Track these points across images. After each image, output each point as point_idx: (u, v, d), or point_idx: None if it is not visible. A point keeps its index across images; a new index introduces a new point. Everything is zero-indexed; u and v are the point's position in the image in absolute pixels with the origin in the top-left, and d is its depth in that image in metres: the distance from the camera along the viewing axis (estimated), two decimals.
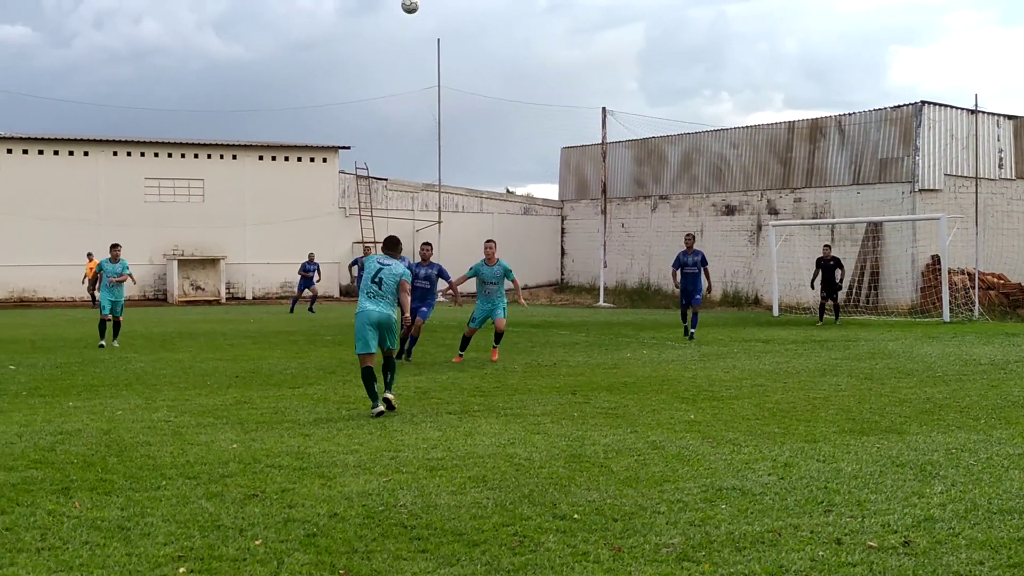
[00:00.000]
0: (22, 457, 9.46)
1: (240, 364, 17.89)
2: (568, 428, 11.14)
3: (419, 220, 51.11)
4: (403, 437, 10.55)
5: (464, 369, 17.05)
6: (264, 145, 49.66)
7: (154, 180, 47.14)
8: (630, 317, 33.63)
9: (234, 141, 49.49)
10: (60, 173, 45.44)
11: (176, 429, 11.07)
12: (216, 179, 48.10)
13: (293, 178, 49.34)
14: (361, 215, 49.69)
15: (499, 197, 56.22)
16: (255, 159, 49.03)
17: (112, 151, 46.68)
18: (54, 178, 45.20)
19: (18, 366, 17.55)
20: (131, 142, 47.26)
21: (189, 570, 6.14)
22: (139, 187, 46.69)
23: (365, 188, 50.51)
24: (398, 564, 6.30)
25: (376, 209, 50.34)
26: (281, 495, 8.00)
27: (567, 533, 6.97)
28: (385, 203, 51.04)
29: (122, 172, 46.50)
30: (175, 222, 46.91)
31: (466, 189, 53.53)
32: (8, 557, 6.35)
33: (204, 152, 48.22)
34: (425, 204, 51.70)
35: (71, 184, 45.41)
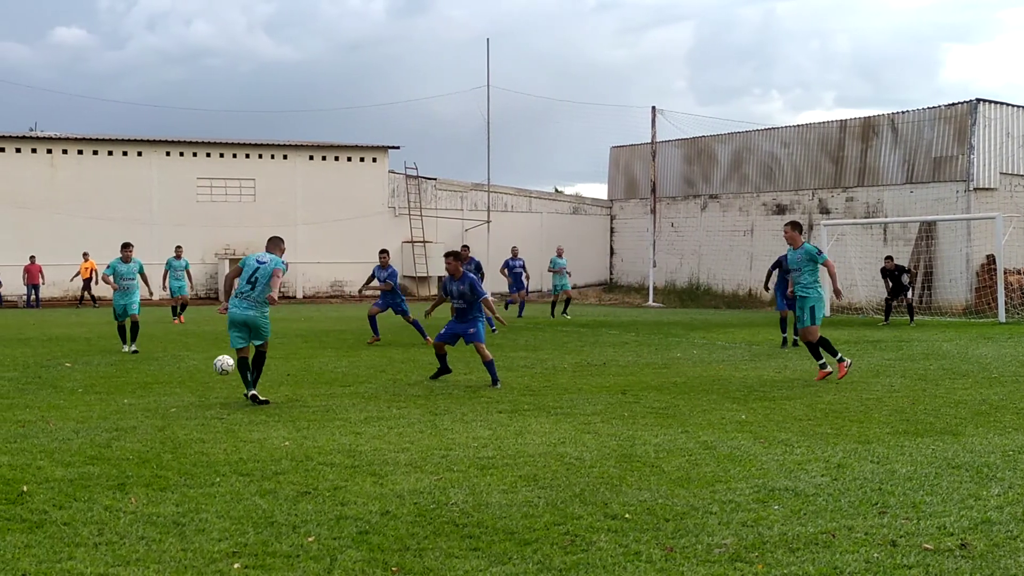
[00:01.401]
0: (79, 453, 9.60)
1: (291, 363, 18.02)
2: (619, 428, 11.10)
3: (468, 220, 51.21)
4: (454, 436, 10.57)
5: (514, 368, 17.06)
6: (314, 145, 50.00)
7: (206, 180, 47.63)
8: (680, 317, 33.46)
9: (285, 141, 49.89)
10: (114, 173, 46.06)
11: (229, 427, 11.17)
12: (267, 179, 48.50)
13: (343, 178, 49.64)
14: (410, 215, 49.89)
15: (548, 197, 56.19)
16: (305, 159, 49.38)
17: (165, 151, 47.24)
18: (108, 178, 45.82)
19: (74, 364, 17.80)
20: (183, 142, 47.79)
21: (243, 566, 6.19)
22: (191, 187, 47.21)
23: (414, 188, 50.70)
24: (450, 562, 6.31)
25: (425, 209, 50.52)
26: (333, 492, 8.04)
27: (619, 533, 6.94)
28: (434, 203, 51.21)
29: (175, 172, 47.04)
30: (226, 222, 47.37)
31: (515, 189, 53.56)
32: (67, 551, 6.44)
33: (255, 152, 48.66)
34: (474, 204, 51.79)
35: (125, 184, 46.00)
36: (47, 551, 6.44)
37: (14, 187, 44.42)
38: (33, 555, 6.36)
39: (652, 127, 46.19)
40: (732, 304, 42.41)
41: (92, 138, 46.52)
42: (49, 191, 44.77)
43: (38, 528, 6.96)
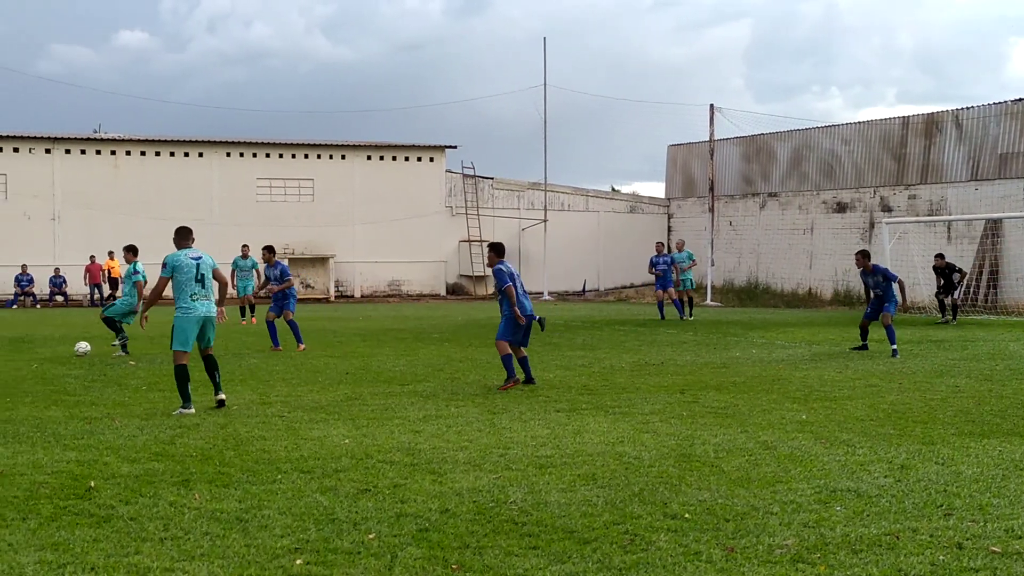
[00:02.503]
0: (144, 450, 9.75)
1: (350, 361, 18.15)
2: (677, 427, 11.05)
3: (525, 219, 51.24)
4: (512, 435, 10.59)
5: (572, 367, 17.05)
6: (372, 145, 50.31)
7: (265, 180, 48.12)
8: (738, 316, 33.22)
9: (343, 141, 50.26)
10: (176, 174, 46.70)
11: (290, 424, 11.28)
12: (326, 179, 48.89)
13: (400, 177, 49.90)
14: (467, 214, 50.01)
15: (605, 195, 56.07)
16: (363, 159, 49.71)
17: (225, 152, 47.80)
18: (170, 179, 46.47)
19: (138, 362, 18.08)
20: (243, 143, 48.32)
21: (306, 562, 6.25)
22: (251, 187, 47.73)
23: (471, 187, 50.83)
24: (509, 560, 6.32)
25: (482, 208, 50.62)
26: (393, 490, 8.09)
27: (678, 532, 6.91)
28: (491, 202, 51.30)
29: (235, 173, 47.59)
30: (286, 221, 47.82)
31: (572, 188, 53.50)
32: (134, 546, 6.55)
33: (314, 152, 49.07)
34: (531, 203, 51.80)
35: (186, 185, 46.62)
36: (115, 545, 6.55)
37: (79, 188, 45.21)
38: (101, 549, 6.47)
39: (710, 125, 45.88)
40: (791, 303, 42.01)
41: (154, 139, 47.21)
42: (113, 192, 45.50)
43: (105, 523, 7.08)
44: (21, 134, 45.51)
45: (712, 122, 45.79)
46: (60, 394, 13.93)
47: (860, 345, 19.89)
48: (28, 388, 14.49)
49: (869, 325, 19.99)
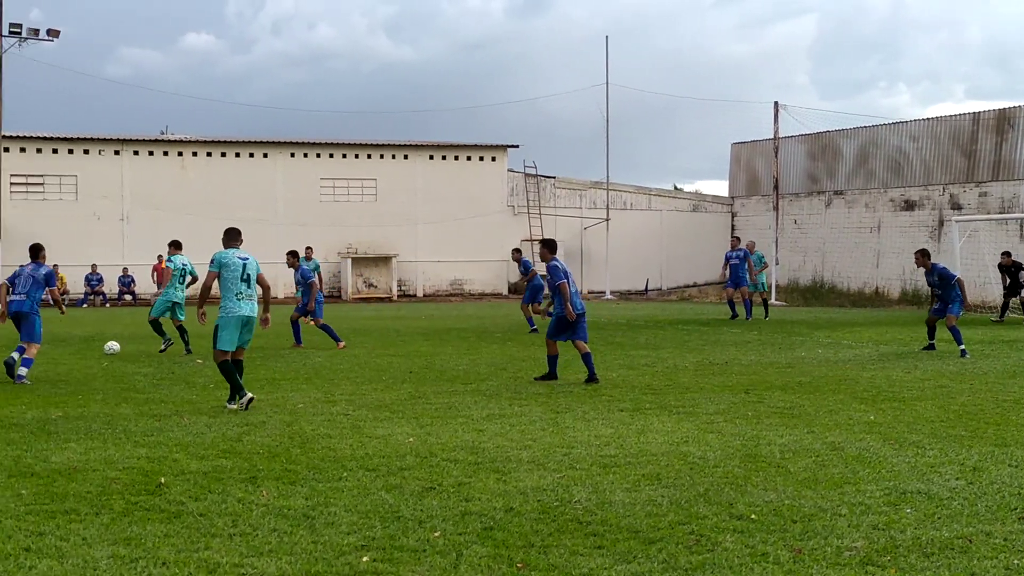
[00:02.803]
0: (212, 447, 9.88)
1: (413, 360, 18.24)
2: (742, 427, 10.96)
3: (587, 218, 51.15)
4: (576, 434, 10.57)
5: (635, 367, 16.99)
6: (434, 145, 50.52)
7: (329, 180, 48.53)
8: (803, 315, 32.87)
9: (405, 141, 50.53)
10: (241, 174, 47.27)
11: (354, 422, 11.36)
12: (388, 178, 49.20)
13: (463, 177, 50.05)
14: (529, 213, 50.04)
15: (667, 194, 55.80)
16: (426, 158, 49.93)
17: (289, 152, 48.29)
18: (236, 179, 47.05)
19: (205, 360, 18.31)
20: (307, 143, 48.78)
21: (372, 559, 6.29)
22: (315, 187, 48.16)
23: (533, 186, 50.83)
24: (574, 560, 6.31)
25: (544, 207, 50.61)
26: (457, 488, 8.12)
27: (745, 533, 6.86)
28: (553, 201, 51.28)
29: (299, 173, 48.05)
30: (349, 221, 48.19)
31: (634, 186, 53.30)
32: (203, 541, 6.64)
33: (377, 152, 49.39)
34: (593, 202, 51.69)
35: (251, 185, 47.17)
36: (185, 541, 6.65)
37: (147, 189, 45.94)
38: (172, 544, 6.57)
39: (774, 123, 45.45)
40: (858, 303, 41.49)
41: (220, 140, 47.83)
42: (180, 192, 46.17)
43: (176, 518, 7.19)
44: (91, 136, 46.36)
45: (776, 119, 45.35)
46: (130, 391, 14.16)
47: (928, 344, 19.59)
48: (99, 386, 14.75)
49: (935, 322, 19.68)
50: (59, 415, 11.88)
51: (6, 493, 7.92)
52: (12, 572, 6.01)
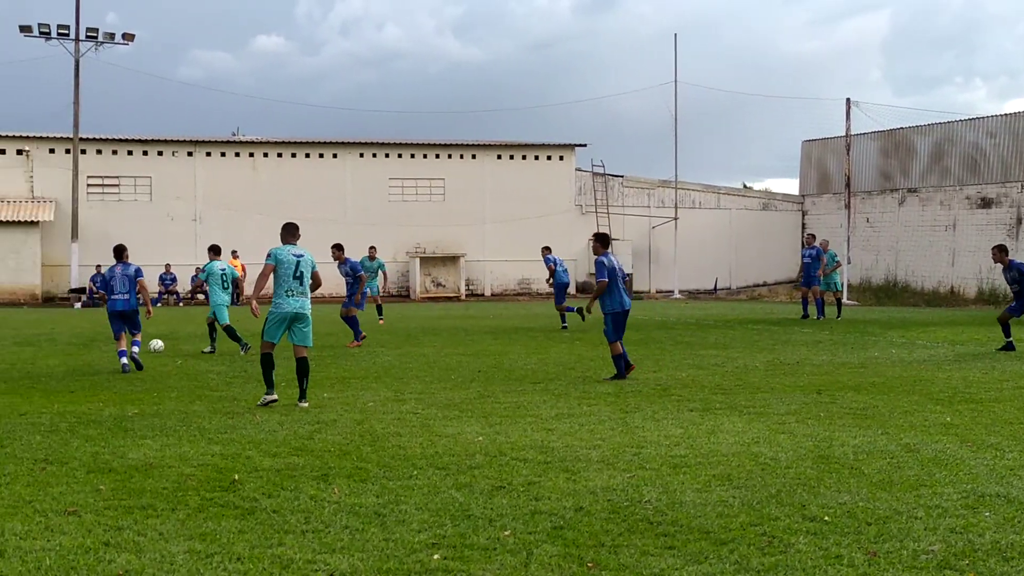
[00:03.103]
0: (284, 444, 9.99)
1: (482, 359, 18.29)
2: (814, 428, 10.83)
3: (655, 217, 50.91)
4: (645, 434, 10.52)
5: (704, 367, 16.86)
6: (502, 144, 50.62)
7: (397, 180, 48.86)
8: (876, 315, 32.41)
9: (473, 141, 50.70)
10: (311, 175, 47.77)
11: (424, 421, 11.42)
12: (456, 178, 49.40)
13: (530, 176, 50.09)
14: (597, 212, 49.92)
15: (736, 193, 55.34)
16: (493, 158, 50.05)
17: (358, 153, 48.70)
18: (306, 179, 47.55)
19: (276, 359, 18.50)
20: (376, 144, 49.16)
21: (443, 557, 6.32)
22: (383, 187, 48.51)
23: (601, 185, 50.72)
24: (645, 560, 6.28)
25: (612, 206, 50.46)
26: (527, 488, 8.12)
27: (818, 535, 6.77)
28: (621, 200, 51.11)
29: (367, 173, 48.44)
30: (417, 221, 48.47)
31: (703, 185, 52.95)
32: (277, 538, 6.71)
33: (445, 152, 49.62)
34: (661, 201, 51.44)
35: (321, 185, 47.64)
36: (259, 537, 6.73)
37: (220, 189, 46.62)
38: (246, 540, 6.65)
39: (846, 119, 44.87)
40: (932, 302, 40.81)
41: (290, 141, 48.39)
42: (251, 193, 46.78)
43: (249, 515, 7.28)
44: (165, 138, 47.17)
45: (848, 116, 44.77)
46: (203, 389, 14.38)
47: (1005, 344, 19.19)
48: (173, 384, 15.00)
49: (1009, 320, 19.31)
50: (135, 412, 12.10)
51: (85, 488, 8.08)
52: (92, 566, 6.13)
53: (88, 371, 16.68)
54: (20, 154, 45.44)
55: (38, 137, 45.93)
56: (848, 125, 44.86)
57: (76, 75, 44.99)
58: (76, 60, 44.89)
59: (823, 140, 51.05)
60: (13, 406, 12.64)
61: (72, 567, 6.10)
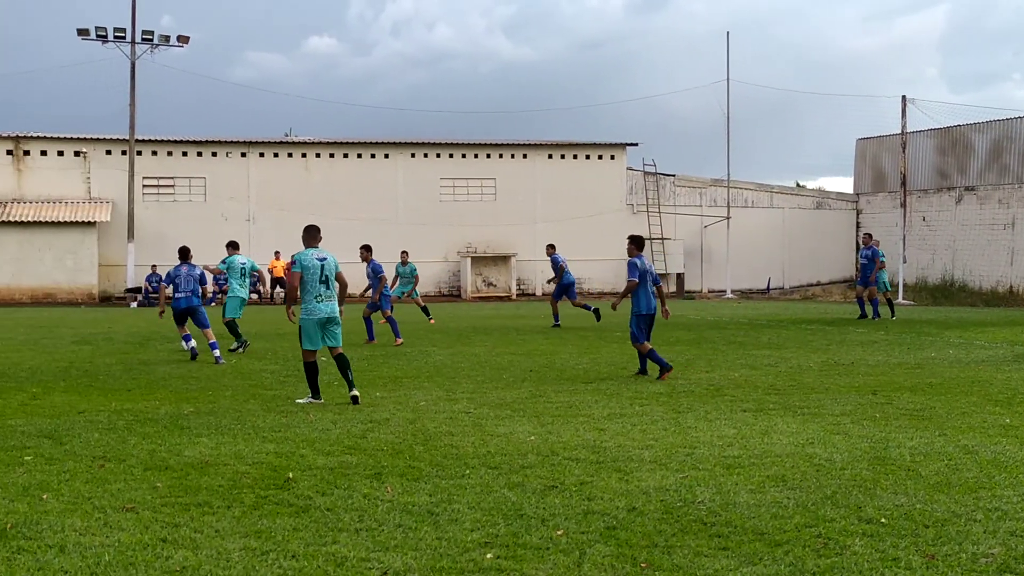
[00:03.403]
0: (337, 443, 10.05)
1: (534, 359, 18.29)
2: (870, 429, 10.71)
3: (707, 216, 50.62)
4: (698, 434, 10.47)
5: (757, 367, 16.74)
6: (553, 144, 50.59)
7: (448, 180, 49.00)
8: (932, 315, 31.98)
9: (524, 140, 50.72)
10: (363, 175, 48.05)
11: (476, 420, 11.44)
12: (507, 178, 49.44)
13: (581, 176, 50.02)
14: (649, 212, 49.73)
15: (789, 191, 54.88)
16: (544, 158, 50.03)
17: (410, 153, 48.89)
18: (358, 180, 47.84)
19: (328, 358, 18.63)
20: (427, 144, 49.33)
21: (496, 556, 6.33)
22: (435, 187, 48.67)
23: (653, 184, 50.52)
24: (699, 560, 6.25)
25: (663, 205, 50.25)
26: (579, 487, 8.10)
27: (875, 537, 6.69)
28: (672, 199, 50.88)
29: (419, 173, 48.62)
30: (468, 220, 48.58)
31: (755, 184, 52.57)
32: (331, 536, 6.76)
33: (496, 152, 49.68)
34: (713, 200, 51.14)
35: (373, 185, 47.91)
36: (313, 534, 6.78)
37: (273, 190, 47.04)
38: (301, 538, 6.70)
39: (902, 117, 44.32)
40: (990, 302, 40.19)
41: (342, 141, 48.71)
42: (303, 193, 47.15)
43: (304, 513, 7.33)
44: (219, 139, 47.68)
45: (904, 114, 44.23)
46: (257, 388, 14.51)
47: None
48: (228, 382, 15.15)
49: None
50: (191, 410, 12.23)
51: (142, 485, 8.18)
52: (150, 562, 6.21)
53: (144, 369, 16.90)
54: (78, 156, 46.15)
55: (95, 139, 46.62)
56: (904, 123, 44.32)
57: (132, 77, 45.60)
58: (132, 63, 45.49)
59: (878, 138, 50.48)
60: (72, 404, 12.84)
61: (130, 563, 6.18)
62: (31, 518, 7.16)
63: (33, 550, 6.43)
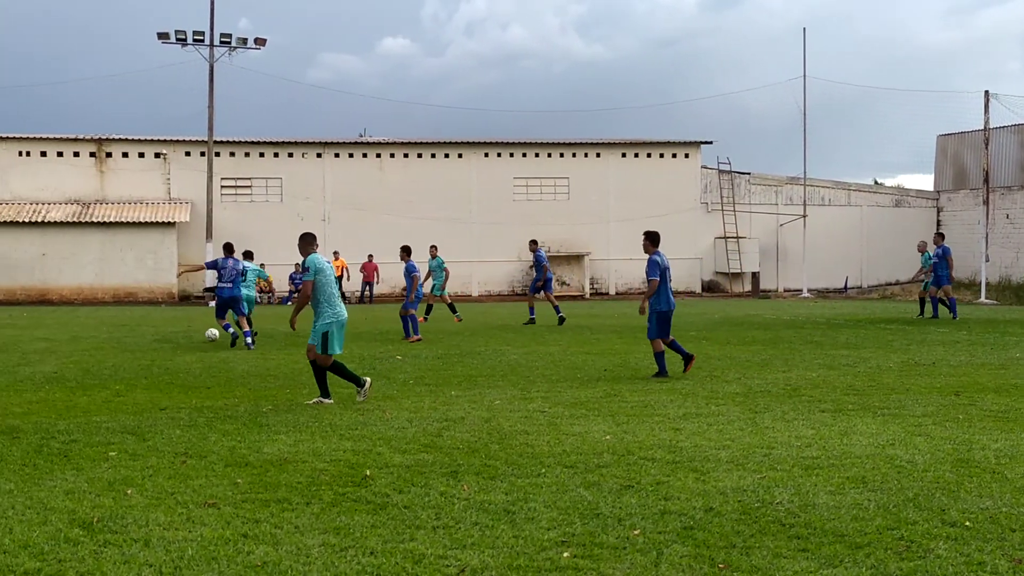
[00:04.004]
0: (413, 441, 10.12)
1: (607, 358, 18.24)
2: (953, 431, 10.50)
3: (783, 214, 50.07)
4: (775, 434, 10.36)
5: (835, 367, 16.51)
6: (626, 142, 50.40)
7: (522, 179, 49.06)
8: (1017, 315, 31.28)
9: (597, 139, 50.60)
10: (436, 175, 48.31)
11: (551, 419, 11.43)
12: (580, 177, 49.37)
13: (655, 174, 49.77)
14: (723, 210, 49.34)
15: (867, 189, 54.07)
16: (618, 156, 49.87)
17: (483, 153, 49.05)
18: (431, 180, 48.12)
19: (404, 357, 18.79)
20: (500, 143, 49.44)
21: (572, 555, 6.32)
22: (508, 186, 48.77)
23: (727, 183, 50.11)
24: (778, 562, 6.18)
25: (738, 204, 49.81)
26: (656, 487, 8.06)
27: (959, 541, 6.57)
28: (748, 197, 50.43)
29: (492, 172, 48.75)
30: (541, 220, 48.59)
31: (832, 182, 51.88)
32: (408, 533, 6.80)
33: (569, 151, 49.63)
34: (789, 198, 50.57)
35: (446, 185, 48.15)
36: (391, 532, 6.83)
37: (348, 190, 47.50)
38: (379, 535, 6.76)
39: (985, 112, 43.40)
40: None
41: (416, 142, 49.01)
42: (379, 193, 47.54)
43: (381, 510, 7.39)
44: (295, 140, 48.26)
45: (987, 109, 43.32)
46: (334, 387, 14.62)
47: None
48: (305, 380, 15.31)
49: None
50: (269, 408, 12.40)
51: (223, 481, 8.31)
52: (232, 556, 6.30)
53: (223, 367, 17.17)
54: (158, 157, 47.04)
55: (175, 140, 47.48)
56: (986, 118, 43.40)
57: (210, 80, 46.33)
58: (211, 65, 46.22)
59: (959, 134, 49.53)
60: (154, 401, 13.09)
61: (213, 557, 6.29)
62: (116, 512, 7.32)
63: (119, 543, 6.57)
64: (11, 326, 27.80)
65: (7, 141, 46.20)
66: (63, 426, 11.05)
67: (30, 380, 15.54)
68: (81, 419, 11.58)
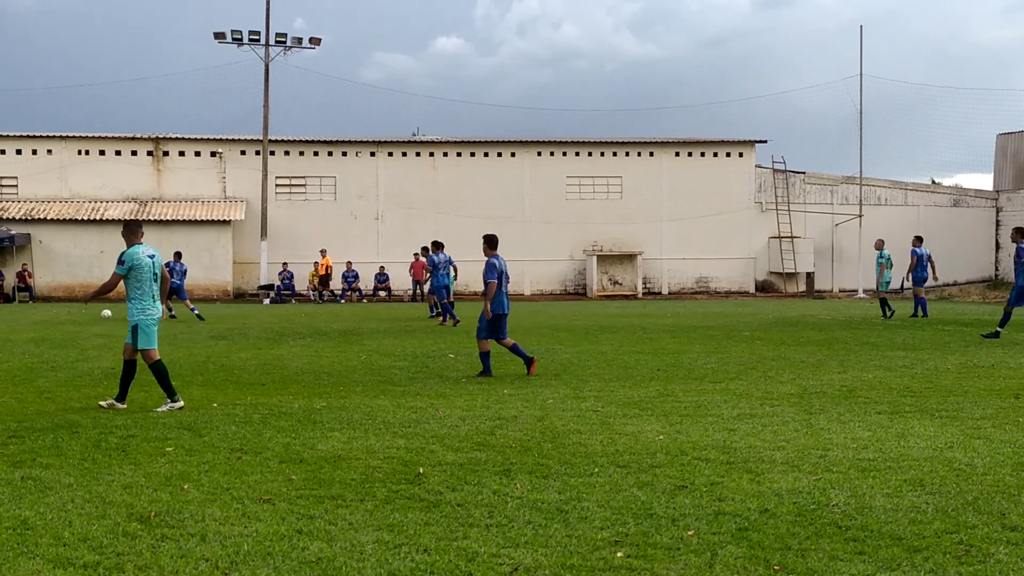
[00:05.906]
0: (466, 439, 10.13)
1: (660, 358, 18.16)
2: (1013, 434, 10.33)
3: (838, 214, 49.58)
4: (831, 436, 10.25)
5: (892, 368, 16.31)
6: (680, 141, 50.15)
7: (575, 178, 48.99)
8: None
9: (650, 138, 50.39)
10: (489, 174, 48.37)
11: (604, 419, 11.40)
12: (633, 176, 49.20)
13: (708, 173, 49.47)
14: (778, 210, 48.94)
15: (924, 188, 53.36)
16: (671, 155, 49.63)
17: (536, 152, 49.03)
18: (484, 179, 48.19)
19: (456, 355, 18.83)
20: (553, 142, 49.39)
21: (626, 555, 6.30)
22: (561, 185, 48.72)
23: (782, 182, 49.71)
24: (834, 564, 6.12)
25: (793, 203, 49.39)
26: (710, 488, 8.01)
27: (1019, 545, 6.46)
28: (803, 197, 49.98)
29: (545, 171, 48.73)
30: (594, 219, 48.50)
31: (889, 181, 51.27)
32: (461, 531, 6.82)
33: (622, 150, 49.48)
34: (845, 197, 50.06)
35: (499, 184, 48.20)
36: (444, 529, 6.85)
37: (400, 188, 47.70)
38: (432, 532, 6.78)
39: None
40: None
41: (469, 141, 49.10)
42: (431, 192, 47.71)
43: (434, 507, 7.42)
44: (349, 139, 48.54)
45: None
46: (387, 384, 14.72)
47: None
48: (358, 378, 15.41)
49: None
50: (323, 406, 12.48)
51: (278, 478, 8.38)
52: (287, 552, 6.36)
53: (277, 364, 17.31)
54: (214, 156, 47.55)
55: (230, 139, 47.96)
56: None
57: (266, 79, 46.75)
58: (266, 64, 46.63)
59: (1020, 133, 48.74)
60: (210, 397, 13.23)
61: (268, 552, 6.34)
62: (173, 507, 7.40)
63: (176, 538, 6.64)
64: (71, 322, 28.25)
65: (67, 140, 46.94)
66: (120, 421, 11.21)
67: (88, 375, 15.78)
68: (138, 414, 11.74)
